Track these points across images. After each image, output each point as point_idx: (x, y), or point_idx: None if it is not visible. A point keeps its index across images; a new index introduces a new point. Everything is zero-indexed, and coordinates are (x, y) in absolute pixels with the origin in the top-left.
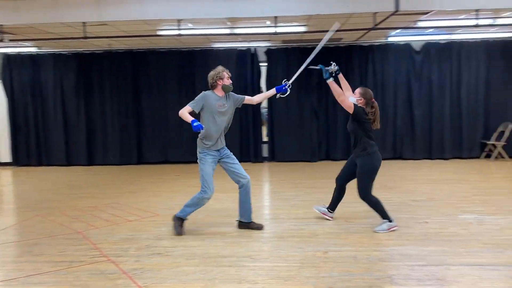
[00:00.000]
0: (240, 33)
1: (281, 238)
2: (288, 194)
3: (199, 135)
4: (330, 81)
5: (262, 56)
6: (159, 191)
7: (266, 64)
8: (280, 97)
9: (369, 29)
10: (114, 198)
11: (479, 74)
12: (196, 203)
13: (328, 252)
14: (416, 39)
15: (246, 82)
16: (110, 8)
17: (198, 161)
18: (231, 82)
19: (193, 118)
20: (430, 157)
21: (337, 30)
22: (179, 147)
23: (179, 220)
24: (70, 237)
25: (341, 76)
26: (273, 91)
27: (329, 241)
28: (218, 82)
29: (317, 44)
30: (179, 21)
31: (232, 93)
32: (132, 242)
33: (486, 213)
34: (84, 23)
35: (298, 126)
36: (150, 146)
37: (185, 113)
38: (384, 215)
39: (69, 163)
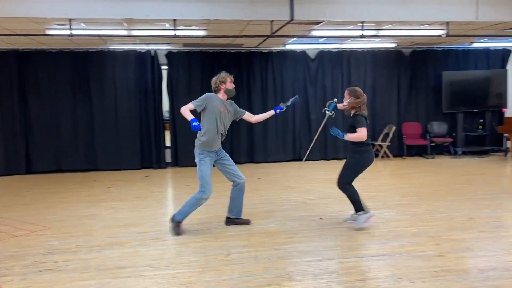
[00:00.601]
0: (138, 35)
1: (183, 244)
2: None
3: (198, 134)
4: (348, 138)
5: (163, 59)
6: (52, 202)
7: (167, 67)
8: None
9: (267, 36)
10: None
11: (366, 81)
12: (195, 204)
13: (230, 255)
14: (311, 47)
15: (146, 85)
16: None
17: (196, 161)
18: (233, 86)
19: (193, 117)
20: (325, 158)
21: (237, 36)
22: (73, 155)
23: (177, 222)
24: None
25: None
26: (271, 112)
27: (231, 244)
28: (221, 86)
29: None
30: (70, 20)
31: (234, 103)
32: (18, 259)
33: (373, 207)
34: None
35: None
36: (40, 154)
37: (186, 111)
38: (359, 206)
39: None
